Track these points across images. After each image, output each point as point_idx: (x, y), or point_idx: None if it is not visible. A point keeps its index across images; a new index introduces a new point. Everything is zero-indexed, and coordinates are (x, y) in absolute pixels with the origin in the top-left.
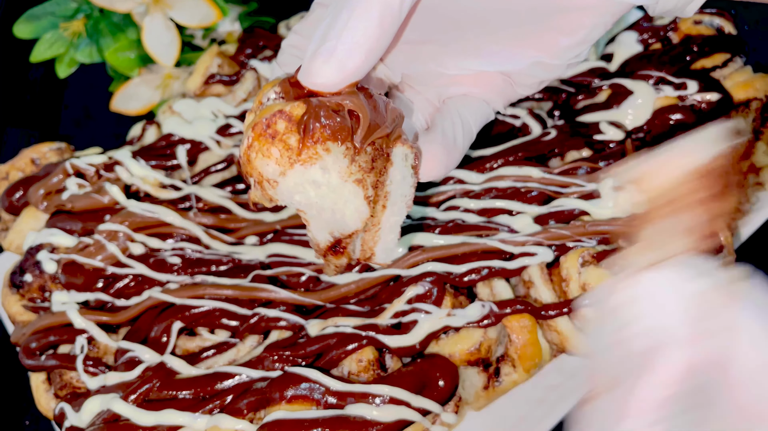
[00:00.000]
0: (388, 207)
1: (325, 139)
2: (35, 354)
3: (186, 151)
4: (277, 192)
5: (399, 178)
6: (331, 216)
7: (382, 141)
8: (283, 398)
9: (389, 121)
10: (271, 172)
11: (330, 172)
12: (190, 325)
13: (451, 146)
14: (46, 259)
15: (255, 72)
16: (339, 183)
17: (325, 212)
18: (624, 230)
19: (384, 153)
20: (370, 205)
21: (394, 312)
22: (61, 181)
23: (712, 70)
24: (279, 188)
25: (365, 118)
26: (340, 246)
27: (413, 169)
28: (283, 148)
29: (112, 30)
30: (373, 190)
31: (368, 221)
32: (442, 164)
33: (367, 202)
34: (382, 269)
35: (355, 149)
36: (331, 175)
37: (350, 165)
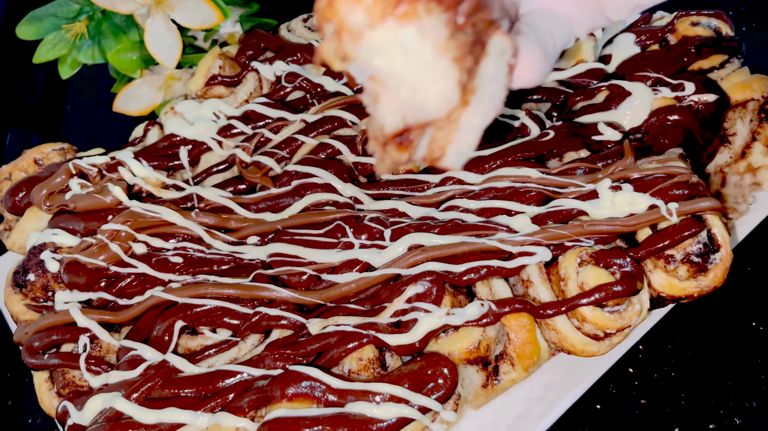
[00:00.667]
0: (473, 104)
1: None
2: (38, 353)
3: (188, 151)
4: (356, 48)
5: (491, 73)
6: (410, 95)
7: (484, 26)
8: (284, 396)
9: (497, 8)
10: (357, 21)
11: (426, 38)
12: (191, 324)
13: (548, 51)
14: (49, 259)
15: (256, 73)
16: (432, 55)
17: (405, 87)
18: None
19: (482, 41)
20: (460, 92)
21: (394, 311)
22: (64, 181)
23: (709, 71)
24: (361, 44)
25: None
26: (407, 137)
27: (509, 67)
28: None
29: (114, 31)
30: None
31: (452, 112)
32: (539, 69)
33: (459, 87)
34: (382, 268)
35: (455, 23)
36: (426, 43)
37: (449, 39)
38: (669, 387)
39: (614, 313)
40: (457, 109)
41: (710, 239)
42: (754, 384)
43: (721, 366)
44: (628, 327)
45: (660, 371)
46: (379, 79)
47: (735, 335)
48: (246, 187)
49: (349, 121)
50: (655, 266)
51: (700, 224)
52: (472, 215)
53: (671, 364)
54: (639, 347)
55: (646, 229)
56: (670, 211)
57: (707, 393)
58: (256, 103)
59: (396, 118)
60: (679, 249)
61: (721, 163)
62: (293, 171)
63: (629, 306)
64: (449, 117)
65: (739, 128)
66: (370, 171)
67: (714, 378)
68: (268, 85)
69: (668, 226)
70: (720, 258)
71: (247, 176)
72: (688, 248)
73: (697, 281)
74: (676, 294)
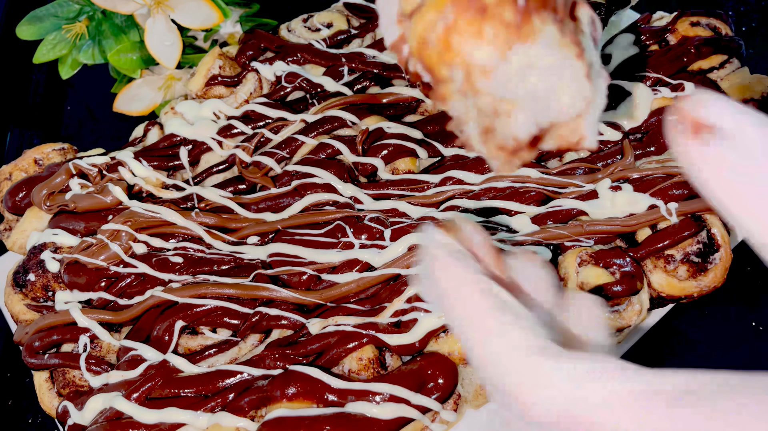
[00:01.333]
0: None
1: (539, 5)
2: (38, 352)
3: (188, 151)
4: (490, 82)
5: (591, 48)
6: (544, 104)
7: (569, 4)
8: (284, 396)
9: None
10: (484, 57)
11: (552, 47)
12: (192, 324)
13: None
14: (49, 259)
15: (256, 73)
16: (559, 60)
17: (539, 100)
18: (622, 230)
19: (575, 18)
20: (589, 83)
21: (394, 310)
22: (64, 181)
23: (709, 72)
24: (495, 76)
25: None
26: (540, 139)
27: (593, 37)
28: (498, 23)
29: (114, 31)
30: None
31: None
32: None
33: (588, 80)
34: (382, 268)
35: (556, 15)
36: (553, 52)
37: (563, 36)
38: None
39: (614, 313)
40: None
41: (710, 239)
42: None
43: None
44: (628, 327)
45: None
46: (512, 101)
47: (735, 335)
48: (246, 186)
49: (349, 121)
50: (655, 266)
51: (699, 224)
52: (472, 215)
53: (671, 365)
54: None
55: (645, 229)
56: (670, 211)
57: None
58: (256, 103)
59: (529, 127)
60: (678, 249)
61: None
62: (293, 171)
63: (629, 306)
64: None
65: None
66: (370, 171)
67: None
68: (268, 85)
69: (668, 226)
70: (720, 258)
71: (247, 176)
72: (687, 248)
73: (697, 281)
74: (676, 294)
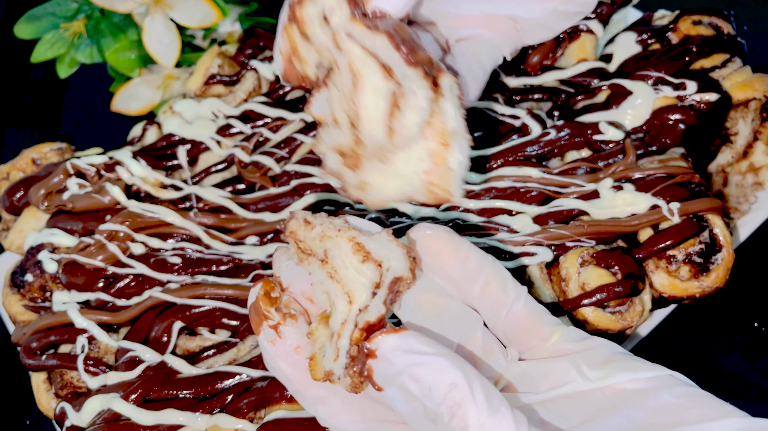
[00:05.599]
0: (452, 144)
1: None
2: (36, 353)
3: (186, 151)
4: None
5: (452, 112)
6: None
7: (431, 69)
8: (283, 397)
9: (430, 48)
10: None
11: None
12: (190, 325)
13: (478, 77)
14: (47, 259)
15: (255, 72)
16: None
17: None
18: (624, 230)
19: (435, 84)
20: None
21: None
22: (62, 181)
23: (711, 71)
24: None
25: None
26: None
27: (459, 99)
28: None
29: (112, 30)
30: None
31: (438, 157)
32: (470, 95)
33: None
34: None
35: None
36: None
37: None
38: None
39: (616, 314)
40: (443, 152)
41: (712, 239)
42: (756, 385)
43: (723, 367)
44: (630, 328)
45: None
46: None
47: (737, 336)
48: (245, 186)
49: None
50: (657, 266)
51: (701, 224)
52: (473, 215)
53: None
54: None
55: (647, 229)
56: (672, 211)
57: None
58: (255, 103)
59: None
60: (680, 250)
61: (723, 162)
62: (293, 171)
63: (631, 307)
64: (438, 161)
65: (741, 127)
66: None
67: (715, 378)
68: (267, 84)
69: (670, 226)
70: (722, 258)
71: (246, 176)
72: (689, 248)
73: (699, 281)
74: (678, 294)
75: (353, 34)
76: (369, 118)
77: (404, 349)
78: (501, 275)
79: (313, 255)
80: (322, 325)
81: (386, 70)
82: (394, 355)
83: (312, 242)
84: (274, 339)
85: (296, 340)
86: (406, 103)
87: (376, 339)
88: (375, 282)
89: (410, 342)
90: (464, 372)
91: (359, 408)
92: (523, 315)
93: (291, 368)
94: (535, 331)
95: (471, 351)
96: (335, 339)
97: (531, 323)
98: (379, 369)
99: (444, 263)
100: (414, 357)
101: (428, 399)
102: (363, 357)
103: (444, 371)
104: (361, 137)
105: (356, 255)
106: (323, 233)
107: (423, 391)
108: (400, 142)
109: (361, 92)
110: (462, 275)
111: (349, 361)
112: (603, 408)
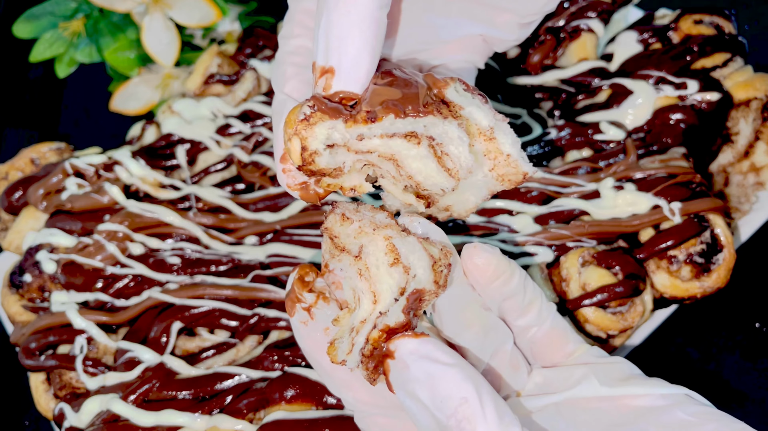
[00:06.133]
0: (497, 135)
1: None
2: (35, 354)
3: (185, 150)
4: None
5: (476, 112)
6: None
7: (435, 98)
8: (282, 398)
9: (422, 93)
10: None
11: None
12: (189, 325)
13: None
14: (46, 259)
15: (255, 72)
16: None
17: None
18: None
19: (446, 103)
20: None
21: None
22: (61, 180)
23: (712, 70)
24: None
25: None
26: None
27: (471, 92)
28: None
29: (111, 30)
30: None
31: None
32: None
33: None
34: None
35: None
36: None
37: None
38: None
39: (617, 314)
40: (494, 146)
41: (713, 239)
42: (757, 386)
43: (724, 367)
44: (631, 329)
45: (662, 373)
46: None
47: (738, 336)
48: (244, 186)
49: None
50: (658, 267)
51: (703, 224)
52: (474, 215)
53: (673, 365)
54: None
55: (648, 229)
56: (673, 211)
57: (710, 395)
58: (255, 102)
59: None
60: (682, 250)
61: (724, 162)
62: None
63: (632, 307)
64: (494, 155)
65: (742, 127)
66: None
67: (716, 379)
68: (267, 83)
69: (671, 226)
70: (723, 258)
71: (246, 176)
72: (691, 249)
73: (700, 282)
74: (679, 295)
75: (362, 134)
76: (428, 177)
77: (422, 355)
78: (536, 295)
79: (347, 252)
80: (347, 316)
81: (411, 136)
82: (411, 359)
83: (347, 238)
84: (306, 320)
85: (326, 323)
86: (447, 145)
87: (396, 341)
88: (401, 287)
89: (428, 349)
90: (477, 387)
91: (382, 396)
92: (550, 333)
93: (319, 350)
94: (560, 348)
95: (499, 364)
96: (353, 334)
97: (557, 340)
98: (395, 371)
99: (487, 280)
100: (430, 365)
101: (439, 410)
102: (381, 356)
103: (457, 384)
104: (429, 192)
105: (388, 257)
106: (360, 229)
107: (434, 402)
108: (465, 174)
109: (406, 166)
110: (502, 293)
111: (362, 358)
112: (616, 423)
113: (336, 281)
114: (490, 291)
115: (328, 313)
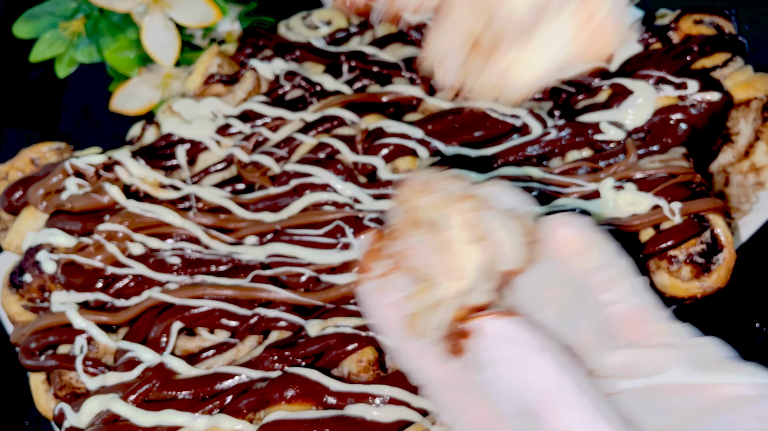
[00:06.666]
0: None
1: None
2: (34, 354)
3: (185, 150)
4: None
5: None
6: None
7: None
8: (282, 398)
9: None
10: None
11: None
12: (189, 325)
13: None
14: (46, 259)
15: (255, 72)
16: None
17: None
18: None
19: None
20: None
21: None
22: (61, 180)
23: (712, 70)
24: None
25: None
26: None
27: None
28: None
29: (111, 30)
30: None
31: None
32: None
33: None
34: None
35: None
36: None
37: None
38: None
39: None
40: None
41: (713, 239)
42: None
43: None
44: None
45: None
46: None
47: (738, 336)
48: (244, 186)
49: (349, 120)
50: (658, 266)
51: (703, 224)
52: None
53: None
54: None
55: (648, 229)
56: (673, 211)
57: None
58: (255, 102)
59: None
60: (682, 250)
61: (725, 162)
62: (292, 170)
63: None
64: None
65: (742, 127)
66: (370, 170)
67: None
68: (267, 83)
69: (671, 227)
70: (723, 258)
71: (246, 176)
72: (691, 248)
73: (700, 282)
74: (679, 295)
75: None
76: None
77: (508, 338)
78: (625, 270)
79: (421, 227)
80: (426, 290)
81: None
82: (496, 340)
83: (423, 211)
84: (381, 287)
85: (400, 293)
86: None
87: (480, 320)
88: (485, 264)
89: (516, 331)
90: (568, 374)
91: (459, 373)
92: (636, 309)
93: (392, 321)
94: (645, 325)
95: (578, 342)
96: (434, 309)
97: (643, 317)
98: (478, 351)
99: (574, 254)
100: (515, 349)
101: (524, 396)
102: (462, 334)
103: (547, 370)
104: (497, 21)
105: (472, 232)
106: (440, 201)
107: (521, 387)
108: (545, 11)
109: None
110: (588, 267)
111: (443, 335)
112: (702, 410)
113: (411, 254)
114: (574, 264)
115: (399, 285)
